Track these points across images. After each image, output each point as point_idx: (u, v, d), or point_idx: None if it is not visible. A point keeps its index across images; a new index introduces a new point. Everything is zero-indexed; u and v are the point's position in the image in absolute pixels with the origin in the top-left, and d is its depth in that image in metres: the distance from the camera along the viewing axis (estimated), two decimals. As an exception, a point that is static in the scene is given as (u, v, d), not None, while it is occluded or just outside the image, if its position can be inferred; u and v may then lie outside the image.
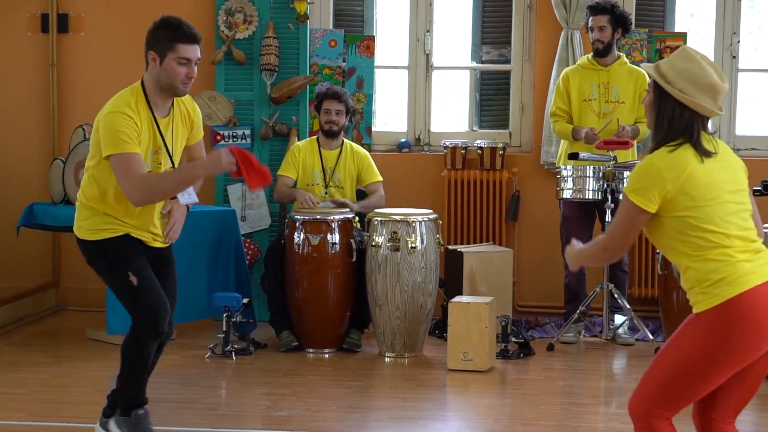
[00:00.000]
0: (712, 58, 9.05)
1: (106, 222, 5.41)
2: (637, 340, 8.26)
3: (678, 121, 4.11)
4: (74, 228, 5.53)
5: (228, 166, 5.14)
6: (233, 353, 7.67)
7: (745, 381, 4.11)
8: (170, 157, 5.41)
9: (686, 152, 4.08)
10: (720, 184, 4.09)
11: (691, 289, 4.07)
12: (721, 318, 3.96)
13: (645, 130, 8.10)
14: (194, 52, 5.27)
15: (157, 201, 5.39)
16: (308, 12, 9.06)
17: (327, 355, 7.89)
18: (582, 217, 8.28)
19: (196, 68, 5.30)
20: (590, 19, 8.31)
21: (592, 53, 8.39)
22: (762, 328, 3.94)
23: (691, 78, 4.10)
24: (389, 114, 9.69)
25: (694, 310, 4.06)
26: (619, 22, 8.27)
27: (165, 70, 5.24)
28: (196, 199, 5.59)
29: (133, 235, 5.43)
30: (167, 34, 5.24)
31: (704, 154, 4.09)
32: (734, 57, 9.14)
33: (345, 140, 8.42)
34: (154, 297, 5.36)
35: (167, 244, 5.60)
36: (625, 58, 8.43)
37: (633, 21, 8.64)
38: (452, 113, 9.62)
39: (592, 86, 8.32)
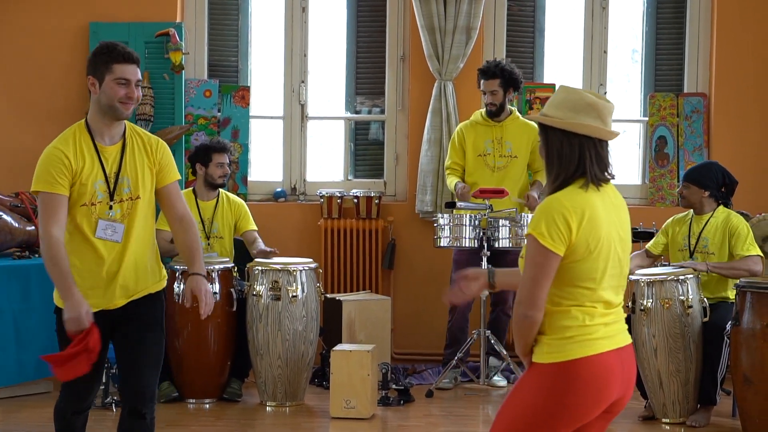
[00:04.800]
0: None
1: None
2: (510, 384, 8.38)
3: (568, 152, 3.97)
4: None
5: (69, 328, 4.97)
6: (113, 405, 7.59)
7: None
8: (108, 186, 5.16)
9: (588, 193, 3.95)
10: (612, 233, 3.97)
11: (540, 334, 3.95)
12: (562, 375, 3.88)
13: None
14: (132, 72, 5.12)
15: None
16: (183, 62, 9.08)
17: (207, 406, 7.86)
18: (471, 261, 8.19)
19: (137, 89, 5.14)
20: (482, 82, 8.39)
21: (485, 110, 8.50)
22: (600, 392, 3.89)
23: (569, 104, 3.97)
24: (265, 163, 9.71)
25: (534, 358, 3.95)
26: (510, 83, 8.35)
27: (104, 91, 5.10)
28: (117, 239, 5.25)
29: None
30: (104, 58, 5.12)
31: (601, 181, 3.99)
32: (601, 108, 9.35)
33: (221, 190, 8.42)
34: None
35: (130, 299, 5.38)
36: (517, 113, 8.56)
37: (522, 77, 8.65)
38: (327, 163, 9.71)
39: (486, 141, 8.45)
